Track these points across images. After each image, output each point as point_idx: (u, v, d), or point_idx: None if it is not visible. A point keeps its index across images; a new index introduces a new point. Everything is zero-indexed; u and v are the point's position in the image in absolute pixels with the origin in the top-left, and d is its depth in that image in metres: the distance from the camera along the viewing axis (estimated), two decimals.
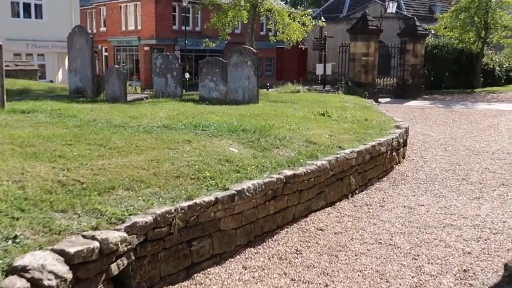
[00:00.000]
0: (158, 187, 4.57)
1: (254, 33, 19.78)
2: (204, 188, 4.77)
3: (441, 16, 29.05)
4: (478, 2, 26.99)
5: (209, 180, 4.95)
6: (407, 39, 24.68)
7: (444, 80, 28.67)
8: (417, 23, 24.98)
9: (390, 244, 5.19)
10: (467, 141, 11.68)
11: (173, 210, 4.10)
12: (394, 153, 8.40)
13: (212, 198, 4.49)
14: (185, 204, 4.27)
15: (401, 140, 8.80)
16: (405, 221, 5.92)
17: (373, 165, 7.50)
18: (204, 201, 4.40)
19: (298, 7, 20.33)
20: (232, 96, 12.82)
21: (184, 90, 14.56)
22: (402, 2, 42.75)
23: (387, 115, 11.33)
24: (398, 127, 9.24)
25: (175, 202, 4.32)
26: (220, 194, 4.61)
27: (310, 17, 19.29)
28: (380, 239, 5.35)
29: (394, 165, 8.55)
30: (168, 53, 15.28)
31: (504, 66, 30.56)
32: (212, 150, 5.84)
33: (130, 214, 3.96)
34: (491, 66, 29.70)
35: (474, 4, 27.14)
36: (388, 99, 24.53)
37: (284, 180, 5.40)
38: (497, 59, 30.21)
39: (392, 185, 7.59)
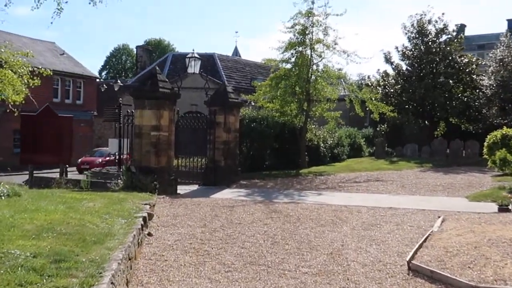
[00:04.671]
0: None
1: None
2: None
3: (259, 84, 23.40)
4: (298, 70, 21.88)
5: None
6: (216, 108, 17.93)
7: (266, 159, 22.51)
8: (229, 89, 18.49)
9: None
10: None
11: None
12: None
13: None
14: None
15: None
16: None
17: None
18: None
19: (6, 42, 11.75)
20: None
21: None
22: (223, 73, 37.53)
23: None
24: None
25: None
26: None
27: (29, 64, 10.91)
28: None
29: None
30: None
31: (329, 143, 25.73)
32: None
33: None
34: (316, 143, 24.55)
35: (294, 72, 21.98)
36: (196, 187, 17.17)
37: None
38: (321, 135, 25.29)
39: None
